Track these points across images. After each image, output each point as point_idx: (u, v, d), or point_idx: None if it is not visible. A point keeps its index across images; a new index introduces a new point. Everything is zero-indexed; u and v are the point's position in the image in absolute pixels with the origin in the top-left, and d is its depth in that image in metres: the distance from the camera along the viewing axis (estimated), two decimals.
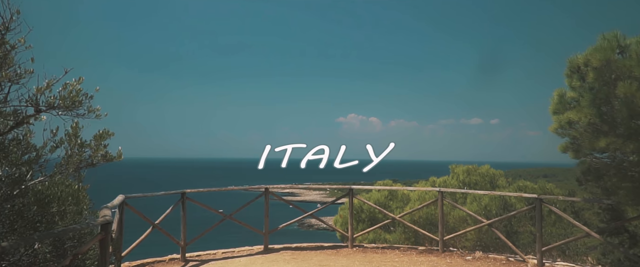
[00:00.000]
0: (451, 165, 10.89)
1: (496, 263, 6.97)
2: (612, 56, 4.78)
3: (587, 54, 5.08)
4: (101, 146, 4.75)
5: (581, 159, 5.85)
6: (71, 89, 4.01)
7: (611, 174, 5.59)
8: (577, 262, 6.81)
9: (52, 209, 4.18)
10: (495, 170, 10.52)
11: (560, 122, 5.49)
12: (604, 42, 4.86)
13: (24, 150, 4.16)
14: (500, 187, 10.01)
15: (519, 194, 7.75)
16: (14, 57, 3.76)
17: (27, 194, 4.11)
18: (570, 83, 5.61)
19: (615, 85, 4.73)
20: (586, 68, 5.17)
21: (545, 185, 9.65)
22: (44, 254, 4.24)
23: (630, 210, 7.54)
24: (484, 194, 8.61)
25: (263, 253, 7.70)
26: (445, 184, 9.96)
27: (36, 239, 3.58)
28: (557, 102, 5.71)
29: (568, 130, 5.54)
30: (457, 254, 7.72)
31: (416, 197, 9.80)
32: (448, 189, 8.60)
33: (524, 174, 33.10)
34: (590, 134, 5.28)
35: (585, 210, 9.36)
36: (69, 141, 4.55)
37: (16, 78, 3.74)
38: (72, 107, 4.04)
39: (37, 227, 4.10)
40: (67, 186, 4.55)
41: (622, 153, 5.17)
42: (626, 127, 4.79)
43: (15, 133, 4.12)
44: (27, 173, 4.14)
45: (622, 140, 4.82)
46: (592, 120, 5.10)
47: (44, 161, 4.41)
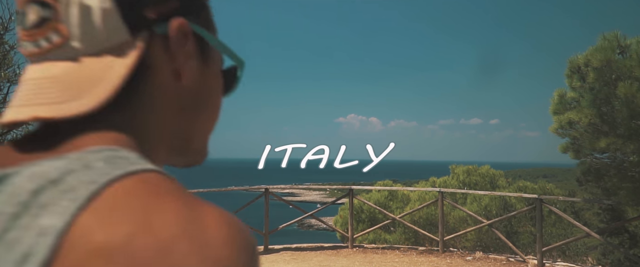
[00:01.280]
0: (451, 165, 10.90)
1: (496, 263, 6.97)
2: (612, 56, 4.77)
3: (588, 54, 5.08)
4: None
5: (581, 159, 5.85)
6: None
7: (611, 174, 5.59)
8: (577, 263, 6.81)
9: None
10: (495, 170, 10.53)
11: (560, 122, 5.49)
12: (605, 43, 4.85)
13: None
14: (501, 187, 10.02)
15: (520, 194, 7.74)
16: (13, 57, 3.75)
17: None
18: (571, 83, 5.61)
19: (615, 86, 4.73)
20: (587, 68, 5.17)
21: (545, 185, 9.66)
22: None
23: (630, 210, 7.54)
24: (484, 195, 8.61)
25: (263, 253, 7.69)
26: (446, 185, 9.96)
27: None
28: (558, 103, 5.71)
29: (568, 131, 5.54)
30: (458, 254, 7.72)
31: (416, 197, 9.80)
32: (448, 189, 8.59)
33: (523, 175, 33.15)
34: (590, 134, 5.28)
35: (585, 210, 9.37)
36: None
37: (15, 78, 3.73)
38: None
39: None
40: None
41: (622, 153, 5.17)
42: (626, 127, 4.79)
43: (14, 134, 4.11)
44: None
45: (623, 140, 4.82)
46: (593, 120, 5.10)
47: None
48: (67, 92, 0.38)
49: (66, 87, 0.38)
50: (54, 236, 0.29)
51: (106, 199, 0.31)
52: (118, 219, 0.30)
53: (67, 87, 0.38)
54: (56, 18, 0.38)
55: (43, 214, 0.31)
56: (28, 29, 0.39)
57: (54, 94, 0.38)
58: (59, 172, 0.33)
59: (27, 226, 0.31)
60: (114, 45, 0.39)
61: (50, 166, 0.33)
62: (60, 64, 0.39)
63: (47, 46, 0.39)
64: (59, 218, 0.30)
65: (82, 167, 0.33)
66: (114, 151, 0.35)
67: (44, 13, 0.38)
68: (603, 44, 4.87)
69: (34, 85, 0.39)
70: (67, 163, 0.33)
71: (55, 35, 0.38)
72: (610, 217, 8.00)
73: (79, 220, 0.30)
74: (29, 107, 0.38)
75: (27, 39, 0.40)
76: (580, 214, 9.07)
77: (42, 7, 0.38)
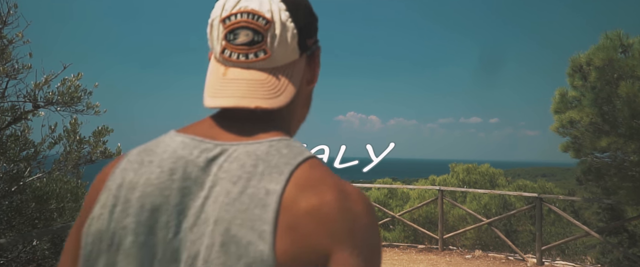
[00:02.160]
0: (451, 164, 10.88)
1: (496, 262, 6.97)
2: (614, 55, 4.75)
3: (590, 53, 5.05)
4: (100, 143, 4.72)
5: (582, 158, 5.84)
6: (70, 85, 3.97)
7: (612, 173, 5.58)
8: (576, 262, 6.81)
9: (51, 206, 4.15)
10: (495, 169, 10.51)
11: (561, 121, 5.47)
12: (607, 41, 4.83)
13: (22, 146, 4.13)
14: (500, 186, 10.01)
15: (519, 193, 7.74)
16: (11, 51, 3.73)
17: (25, 191, 4.08)
18: (572, 82, 5.59)
19: (617, 85, 4.71)
20: (589, 67, 5.15)
21: (545, 184, 9.65)
22: (43, 251, 4.21)
23: (630, 210, 7.54)
24: (483, 193, 8.60)
25: None
26: (445, 183, 9.95)
27: (34, 236, 3.55)
28: (559, 101, 5.69)
29: (569, 130, 5.52)
30: (457, 252, 7.72)
31: (416, 195, 9.78)
32: (448, 187, 8.58)
33: (522, 173, 33.19)
34: (591, 133, 5.27)
35: (584, 209, 9.36)
36: (68, 137, 4.52)
37: (14, 73, 3.70)
38: (71, 103, 4.00)
39: (35, 224, 4.08)
40: (66, 182, 4.52)
41: (623, 153, 5.15)
42: (627, 126, 4.77)
43: (13, 129, 4.09)
44: (26, 169, 4.11)
45: (624, 140, 4.80)
46: (594, 119, 5.09)
47: (42, 158, 4.38)
48: (271, 92, 0.59)
49: (269, 89, 0.59)
50: (277, 196, 0.50)
51: (301, 176, 0.52)
52: (320, 189, 0.51)
53: (269, 89, 0.59)
54: (265, 42, 0.59)
55: (264, 180, 0.51)
56: (237, 45, 0.59)
57: (264, 93, 0.59)
58: (263, 153, 0.54)
59: (257, 187, 0.51)
60: (291, 62, 0.62)
61: (256, 148, 0.55)
62: (262, 72, 0.60)
63: (254, 59, 0.59)
64: (276, 185, 0.50)
65: (276, 151, 0.54)
66: (287, 140, 0.57)
67: (256, 37, 0.59)
68: (605, 43, 4.85)
69: (247, 85, 0.59)
70: (267, 147, 0.55)
71: (262, 53, 0.59)
72: (610, 217, 8.00)
73: (287, 188, 0.50)
74: (250, 99, 0.58)
75: (235, 51, 0.60)
76: (579, 213, 9.07)
77: (255, 33, 0.59)
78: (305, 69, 0.65)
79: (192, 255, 0.51)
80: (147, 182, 0.55)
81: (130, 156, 0.60)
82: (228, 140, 0.57)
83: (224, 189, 0.52)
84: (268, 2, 0.60)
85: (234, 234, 0.49)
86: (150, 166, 0.57)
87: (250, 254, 0.48)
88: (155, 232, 0.53)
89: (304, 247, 0.49)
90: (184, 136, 0.60)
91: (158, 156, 0.58)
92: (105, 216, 0.54)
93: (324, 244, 0.49)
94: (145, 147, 0.60)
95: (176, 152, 0.57)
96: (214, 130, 0.59)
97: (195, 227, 0.52)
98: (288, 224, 0.49)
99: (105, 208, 0.55)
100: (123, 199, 0.55)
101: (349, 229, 0.50)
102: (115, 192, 0.56)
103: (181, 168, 0.55)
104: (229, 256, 0.49)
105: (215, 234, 0.50)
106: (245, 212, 0.50)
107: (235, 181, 0.52)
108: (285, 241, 0.49)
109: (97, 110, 4.36)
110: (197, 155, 0.56)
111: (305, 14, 0.64)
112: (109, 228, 0.54)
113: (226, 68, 0.61)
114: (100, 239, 0.54)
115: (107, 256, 0.53)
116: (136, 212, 0.53)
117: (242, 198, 0.51)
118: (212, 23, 0.62)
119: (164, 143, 0.59)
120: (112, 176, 0.58)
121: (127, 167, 0.58)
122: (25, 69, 3.79)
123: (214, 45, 0.63)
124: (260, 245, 0.48)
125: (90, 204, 0.57)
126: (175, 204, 0.54)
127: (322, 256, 0.49)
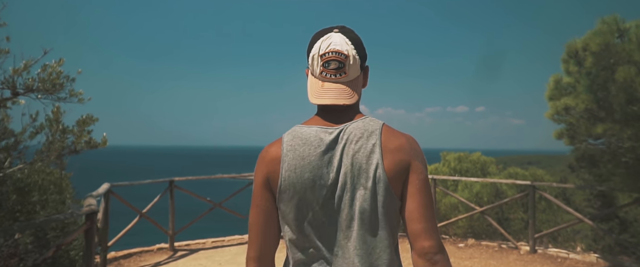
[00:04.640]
0: (442, 152, 10.83)
1: (489, 250, 6.96)
2: (611, 40, 4.69)
3: (586, 38, 4.98)
4: (85, 132, 4.52)
5: (576, 145, 5.80)
6: (51, 71, 3.77)
7: (606, 160, 5.54)
8: (568, 249, 6.82)
9: (33, 198, 3.98)
10: (486, 157, 10.49)
11: (556, 108, 5.41)
12: (603, 26, 4.76)
13: (2, 135, 3.93)
14: (492, 174, 10.00)
15: (512, 181, 7.72)
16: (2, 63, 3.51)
17: (5, 183, 3.89)
18: (567, 68, 5.52)
19: (614, 70, 4.64)
20: (585, 53, 5.08)
21: (536, 172, 9.66)
22: (26, 245, 4.05)
23: (621, 196, 7.57)
24: (475, 181, 8.58)
25: None
26: (437, 172, 9.90)
27: (16, 230, 3.39)
28: (554, 88, 5.63)
29: (564, 117, 5.47)
30: (450, 241, 7.70)
31: None
32: (439, 176, 8.54)
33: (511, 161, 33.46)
34: (586, 120, 5.22)
35: (575, 196, 9.40)
36: (50, 126, 4.32)
37: None
38: (53, 90, 3.80)
39: (16, 217, 3.90)
40: (49, 173, 4.34)
41: (618, 139, 5.11)
42: (623, 112, 4.71)
43: None
44: (5, 160, 3.92)
45: (620, 126, 4.75)
46: (589, 106, 5.03)
47: (23, 148, 4.17)
48: (349, 95, 1.14)
49: (349, 93, 1.14)
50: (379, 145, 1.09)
51: (385, 133, 1.11)
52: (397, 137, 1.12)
53: (349, 93, 1.14)
54: (345, 68, 1.14)
55: (370, 138, 1.10)
56: (330, 69, 1.14)
57: (346, 96, 1.13)
58: (364, 126, 1.12)
59: (367, 143, 1.10)
60: (357, 77, 1.18)
61: (358, 124, 1.13)
62: (343, 85, 1.15)
63: (339, 78, 1.14)
64: (376, 140, 1.10)
65: (369, 123, 1.13)
66: (368, 117, 1.15)
67: (340, 65, 1.13)
68: (602, 28, 4.78)
69: (336, 91, 1.14)
70: (363, 124, 1.13)
71: (343, 74, 1.14)
72: (601, 204, 8.04)
73: (382, 139, 1.10)
74: (340, 100, 1.13)
75: (328, 73, 1.14)
76: (570, 200, 9.11)
77: (339, 63, 1.13)
78: (362, 80, 1.22)
79: (342, 181, 1.08)
80: (309, 154, 1.10)
81: (286, 140, 1.14)
82: (341, 123, 1.14)
83: (351, 147, 1.09)
84: (345, 44, 1.13)
85: (362, 167, 1.07)
86: (305, 145, 1.11)
87: (372, 175, 1.06)
88: (322, 176, 1.09)
89: (398, 163, 1.07)
90: (316, 126, 1.14)
91: (307, 138, 1.12)
92: (292, 174, 1.09)
93: (407, 159, 1.08)
94: (294, 135, 1.14)
95: (318, 135, 1.12)
96: (329, 120, 1.15)
97: (341, 168, 1.08)
98: (386, 155, 1.08)
99: (289, 171, 1.10)
100: (299, 165, 1.09)
101: (415, 152, 1.11)
102: (292, 161, 1.10)
103: (325, 144, 1.10)
104: (361, 178, 1.07)
105: (354, 168, 1.07)
106: (366, 155, 1.08)
107: (356, 140, 1.10)
108: (389, 163, 1.07)
109: (81, 98, 4.15)
110: (330, 133, 1.12)
111: (362, 50, 1.18)
112: (297, 181, 1.09)
113: (323, 82, 1.15)
114: (294, 185, 1.09)
115: (300, 195, 1.09)
116: (309, 169, 1.09)
117: (361, 149, 1.08)
118: (313, 56, 1.16)
119: (306, 132, 1.13)
120: (284, 153, 1.12)
121: (290, 146, 1.12)
122: (3, 53, 3.58)
123: (314, 69, 1.17)
124: (378, 169, 1.06)
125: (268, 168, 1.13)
126: (327, 162, 1.09)
127: (406, 165, 1.08)
